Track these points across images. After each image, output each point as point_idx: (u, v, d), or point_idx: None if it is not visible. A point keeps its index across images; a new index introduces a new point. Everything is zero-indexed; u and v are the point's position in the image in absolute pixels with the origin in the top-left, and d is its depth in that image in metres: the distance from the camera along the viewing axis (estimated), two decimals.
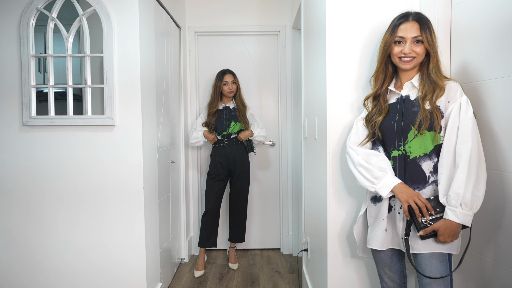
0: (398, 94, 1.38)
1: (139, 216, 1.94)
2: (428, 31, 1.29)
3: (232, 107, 2.89)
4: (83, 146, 1.92)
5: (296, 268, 2.86)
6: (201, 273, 2.74)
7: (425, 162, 1.31)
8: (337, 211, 1.70)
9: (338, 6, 1.64)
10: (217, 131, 2.85)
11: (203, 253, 2.85)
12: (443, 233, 1.22)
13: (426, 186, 1.31)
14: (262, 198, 3.24)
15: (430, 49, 1.29)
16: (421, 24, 1.30)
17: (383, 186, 1.33)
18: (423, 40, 1.29)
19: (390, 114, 1.37)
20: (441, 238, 1.23)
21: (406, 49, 1.31)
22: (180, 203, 2.93)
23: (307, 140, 2.23)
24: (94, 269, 1.96)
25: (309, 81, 2.14)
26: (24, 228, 1.94)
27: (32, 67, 1.88)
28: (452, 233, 1.22)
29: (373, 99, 1.44)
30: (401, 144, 1.34)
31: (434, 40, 1.30)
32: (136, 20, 1.88)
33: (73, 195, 1.93)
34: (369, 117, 1.44)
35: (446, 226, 1.22)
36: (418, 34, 1.29)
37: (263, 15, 3.11)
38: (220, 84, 2.83)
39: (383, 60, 1.39)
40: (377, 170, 1.35)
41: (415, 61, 1.32)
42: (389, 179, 1.32)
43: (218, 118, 2.85)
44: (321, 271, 1.85)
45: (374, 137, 1.41)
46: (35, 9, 1.85)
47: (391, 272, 1.44)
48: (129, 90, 1.90)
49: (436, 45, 1.31)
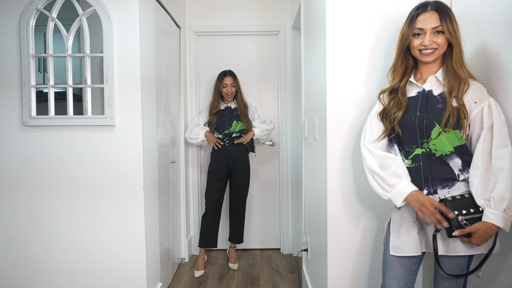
0: (420, 87, 1.31)
1: (139, 216, 1.94)
2: (449, 20, 1.22)
3: (234, 107, 2.89)
4: (83, 146, 1.92)
5: (296, 268, 2.85)
6: (201, 273, 2.74)
7: (452, 160, 1.25)
8: (337, 211, 1.70)
9: (338, 5, 1.64)
10: (218, 130, 2.86)
11: (203, 253, 2.84)
12: (479, 236, 1.17)
13: (456, 183, 1.25)
14: (262, 198, 3.24)
15: (452, 39, 1.22)
16: (441, 13, 1.22)
17: (396, 194, 1.29)
18: (444, 30, 1.22)
19: (410, 109, 1.30)
20: (475, 240, 1.18)
21: (426, 40, 1.24)
22: (180, 203, 2.92)
23: (307, 140, 2.23)
24: (94, 269, 1.96)
25: (309, 81, 2.14)
26: (25, 227, 1.94)
27: (32, 67, 1.88)
28: (488, 237, 1.17)
29: (390, 93, 1.38)
30: (424, 141, 1.28)
31: (457, 30, 1.23)
32: (136, 20, 1.88)
33: (73, 195, 1.93)
34: (385, 112, 1.37)
35: (485, 229, 1.16)
36: (438, 24, 1.22)
37: (263, 15, 3.11)
38: (219, 86, 2.85)
39: (400, 54, 1.33)
40: (391, 177, 1.30)
41: (436, 53, 1.25)
42: (402, 186, 1.28)
43: (220, 117, 2.86)
44: (321, 271, 1.85)
45: (393, 134, 1.35)
46: (35, 9, 1.85)
47: (404, 277, 1.35)
48: (129, 90, 1.90)
49: (459, 34, 1.24)
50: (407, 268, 1.33)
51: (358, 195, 1.69)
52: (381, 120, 1.39)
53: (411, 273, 1.34)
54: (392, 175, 1.31)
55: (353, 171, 1.68)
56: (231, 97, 2.87)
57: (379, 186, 1.34)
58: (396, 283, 1.33)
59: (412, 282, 1.35)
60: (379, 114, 1.39)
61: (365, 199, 1.69)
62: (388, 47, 1.64)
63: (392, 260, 1.34)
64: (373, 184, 1.37)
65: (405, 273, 1.33)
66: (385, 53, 1.65)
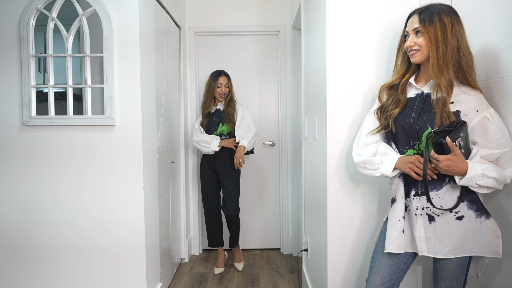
0: (419, 89, 1.32)
1: (139, 216, 1.94)
2: (428, 22, 1.22)
3: (222, 109, 2.83)
4: (83, 146, 1.92)
5: (296, 268, 2.85)
6: (221, 270, 2.80)
7: None
8: (337, 210, 1.70)
9: (338, 5, 1.64)
10: (208, 132, 2.79)
11: (221, 251, 2.90)
12: (452, 159, 1.15)
13: (444, 186, 1.25)
14: (262, 197, 3.24)
15: (430, 41, 1.22)
16: (421, 15, 1.24)
17: (386, 166, 1.32)
18: (422, 31, 1.23)
19: (407, 110, 1.31)
20: (443, 162, 1.16)
21: (408, 41, 1.29)
22: (180, 203, 2.92)
23: (307, 140, 2.23)
24: (94, 269, 1.96)
25: (309, 81, 2.14)
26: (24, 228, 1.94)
27: (32, 67, 1.88)
28: (453, 168, 1.16)
29: (389, 88, 1.40)
30: (416, 143, 1.29)
31: (439, 33, 1.21)
32: (136, 20, 1.88)
33: (70, 196, 1.93)
34: (383, 108, 1.39)
35: (460, 161, 1.16)
36: (417, 25, 1.25)
37: (263, 15, 3.11)
38: (214, 85, 2.78)
39: (399, 53, 1.38)
40: (380, 155, 1.35)
41: (420, 54, 1.27)
42: (391, 158, 1.32)
43: (210, 119, 2.82)
44: (321, 271, 1.85)
45: (387, 129, 1.37)
46: (35, 9, 1.85)
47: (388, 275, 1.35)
48: (129, 90, 1.90)
49: (448, 38, 1.20)
50: (395, 267, 1.34)
51: (358, 195, 1.69)
52: (377, 117, 1.42)
53: (398, 271, 1.34)
54: (380, 155, 1.36)
55: (353, 171, 1.68)
56: (223, 97, 2.81)
57: (371, 167, 1.38)
58: (380, 278, 1.34)
59: (397, 281, 1.35)
60: (376, 111, 1.42)
61: (365, 199, 1.69)
62: (389, 48, 1.64)
63: (381, 257, 1.35)
64: (365, 172, 1.41)
65: (392, 271, 1.33)
66: (385, 53, 1.65)
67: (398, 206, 1.31)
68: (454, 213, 1.24)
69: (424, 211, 1.27)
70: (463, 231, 1.23)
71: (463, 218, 1.23)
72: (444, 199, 1.24)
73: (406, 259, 1.34)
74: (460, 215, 1.23)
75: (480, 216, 1.23)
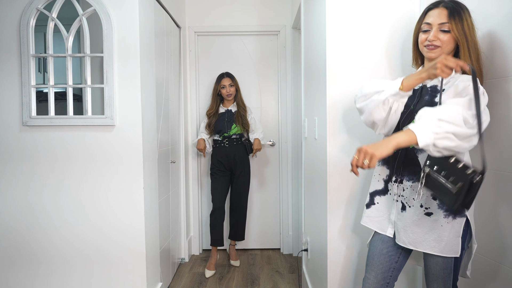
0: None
1: (139, 216, 1.94)
2: (458, 19, 1.17)
3: (234, 110, 2.91)
4: (83, 146, 1.92)
5: (296, 268, 2.86)
6: (212, 273, 2.74)
7: (421, 154, 1.24)
8: (337, 210, 1.70)
9: (338, 5, 1.64)
10: (218, 133, 2.88)
11: (215, 252, 2.87)
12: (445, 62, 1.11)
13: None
14: (262, 197, 3.24)
15: (459, 39, 1.18)
16: (451, 11, 1.18)
17: (392, 85, 1.25)
18: (451, 28, 1.18)
19: (408, 101, 1.29)
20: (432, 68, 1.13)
21: (430, 35, 1.21)
22: (180, 203, 2.93)
23: (307, 140, 2.23)
24: (95, 269, 1.96)
25: (309, 80, 2.14)
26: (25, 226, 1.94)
27: (32, 67, 1.88)
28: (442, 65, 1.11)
29: None
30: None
31: (468, 31, 1.17)
32: (136, 20, 1.88)
33: (70, 196, 1.93)
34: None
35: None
36: (446, 21, 1.19)
37: (263, 15, 3.11)
38: (217, 88, 2.89)
39: (414, 47, 1.34)
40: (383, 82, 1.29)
41: (439, 51, 1.22)
42: (396, 80, 1.26)
43: (220, 120, 2.88)
44: (321, 271, 1.85)
45: None
46: (35, 9, 1.85)
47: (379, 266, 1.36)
48: (129, 90, 1.90)
49: (471, 38, 1.18)
50: (386, 264, 1.36)
51: (358, 195, 1.69)
52: None
53: (391, 269, 1.36)
54: (383, 81, 1.30)
55: None
56: (231, 97, 2.88)
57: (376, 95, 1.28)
58: (374, 276, 1.37)
59: (392, 279, 1.37)
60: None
61: (365, 199, 1.69)
62: (388, 47, 1.64)
63: (373, 255, 1.39)
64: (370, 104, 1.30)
65: (384, 269, 1.36)
66: (386, 53, 1.65)
67: (379, 183, 1.38)
68: (424, 208, 1.24)
69: (400, 198, 1.30)
70: (427, 226, 1.23)
71: (432, 215, 1.23)
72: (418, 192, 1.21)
73: (397, 257, 1.37)
74: (429, 212, 1.23)
75: (447, 216, 1.21)
